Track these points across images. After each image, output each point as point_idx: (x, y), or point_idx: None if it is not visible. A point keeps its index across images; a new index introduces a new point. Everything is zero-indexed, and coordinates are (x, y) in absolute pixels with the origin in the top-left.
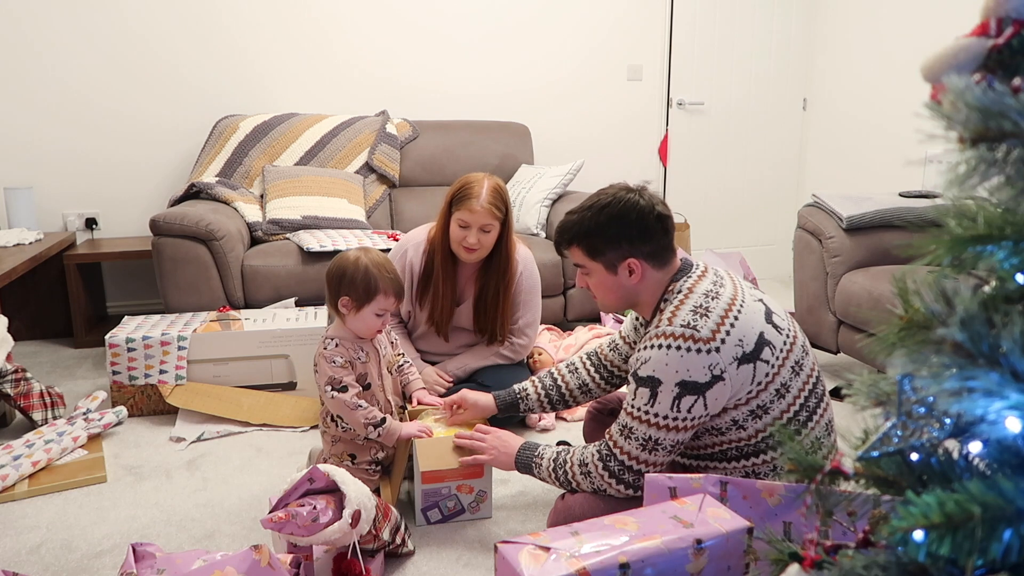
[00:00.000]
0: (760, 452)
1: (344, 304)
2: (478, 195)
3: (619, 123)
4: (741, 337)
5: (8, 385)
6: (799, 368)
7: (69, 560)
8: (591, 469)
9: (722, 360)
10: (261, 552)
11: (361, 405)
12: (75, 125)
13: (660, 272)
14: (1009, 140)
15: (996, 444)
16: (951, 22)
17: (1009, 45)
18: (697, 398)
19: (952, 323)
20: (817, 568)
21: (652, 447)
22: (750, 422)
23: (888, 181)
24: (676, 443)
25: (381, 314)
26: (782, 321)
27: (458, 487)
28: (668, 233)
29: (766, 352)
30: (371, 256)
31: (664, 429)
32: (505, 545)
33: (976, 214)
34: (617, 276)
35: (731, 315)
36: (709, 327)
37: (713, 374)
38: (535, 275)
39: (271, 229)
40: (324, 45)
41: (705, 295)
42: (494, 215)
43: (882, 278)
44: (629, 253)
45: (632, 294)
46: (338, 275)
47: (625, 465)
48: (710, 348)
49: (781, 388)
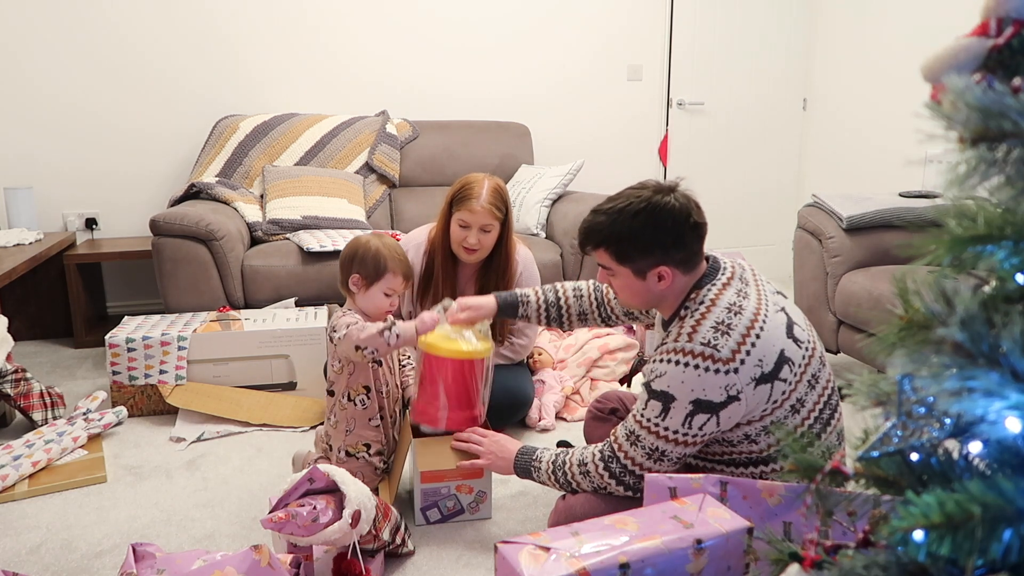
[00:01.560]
0: (770, 460)
1: (354, 282)
2: (478, 195)
3: (619, 123)
4: (761, 357)
5: (8, 385)
6: (815, 381)
7: (69, 560)
8: (591, 469)
9: (740, 381)
10: (261, 552)
11: (366, 327)
12: (75, 125)
13: (688, 276)
14: (1009, 140)
15: (996, 444)
16: (951, 22)
17: (1009, 45)
18: (710, 417)
19: (952, 323)
20: (817, 568)
21: (658, 457)
22: (763, 437)
23: (888, 181)
24: (683, 456)
25: (390, 294)
26: (802, 332)
27: (457, 487)
28: (701, 240)
29: (785, 371)
30: (383, 239)
31: (673, 443)
32: (505, 545)
33: (976, 214)
34: (645, 282)
35: (753, 333)
36: (730, 347)
37: (729, 395)
38: (535, 275)
39: (271, 229)
40: (324, 45)
41: (728, 309)
42: (494, 215)
43: (882, 278)
44: (661, 261)
45: (658, 298)
46: (351, 254)
47: (628, 469)
48: (728, 369)
49: (796, 404)
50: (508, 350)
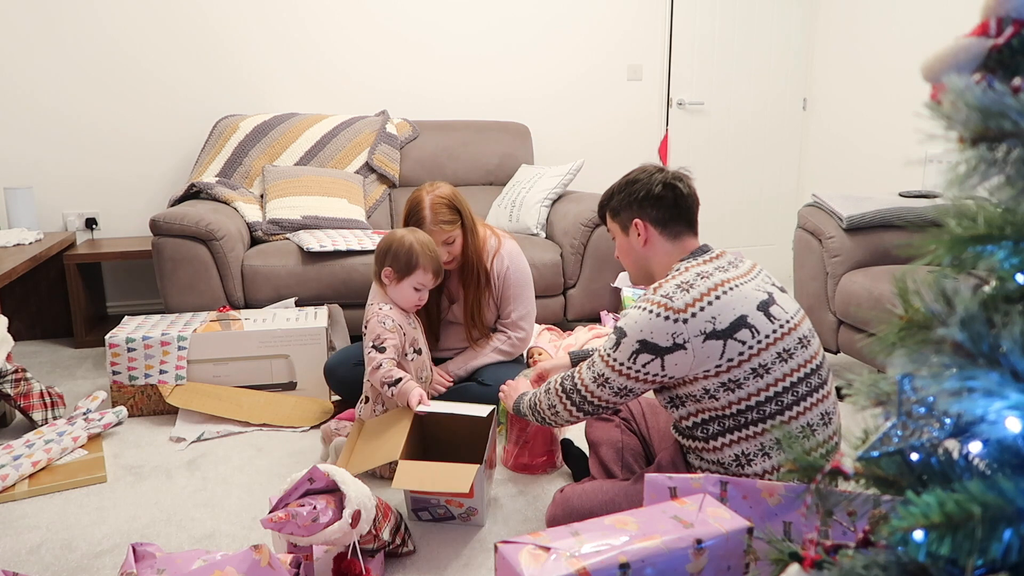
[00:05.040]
0: (741, 427)
1: (387, 275)
2: (425, 219)
3: (619, 123)
4: (715, 315)
5: (8, 385)
6: (787, 356)
7: (69, 560)
8: (551, 387)
9: (687, 331)
10: (261, 552)
11: (382, 365)
12: (75, 126)
13: (670, 244)
14: (1009, 140)
15: (996, 444)
16: (951, 22)
17: (1009, 45)
18: (654, 358)
19: (952, 323)
20: (817, 568)
21: (602, 383)
22: (722, 393)
23: (888, 181)
24: (623, 388)
25: (419, 288)
26: (782, 314)
27: (447, 500)
28: (677, 203)
29: (743, 333)
30: (417, 235)
31: (616, 373)
32: (505, 545)
33: (976, 214)
34: (629, 238)
35: (713, 295)
36: (684, 301)
37: (675, 342)
38: (523, 268)
39: (271, 229)
40: (325, 45)
41: (698, 275)
42: (444, 230)
43: (882, 278)
44: (637, 214)
45: (643, 260)
46: (385, 248)
47: (577, 389)
48: (678, 319)
49: (759, 368)
50: (507, 345)
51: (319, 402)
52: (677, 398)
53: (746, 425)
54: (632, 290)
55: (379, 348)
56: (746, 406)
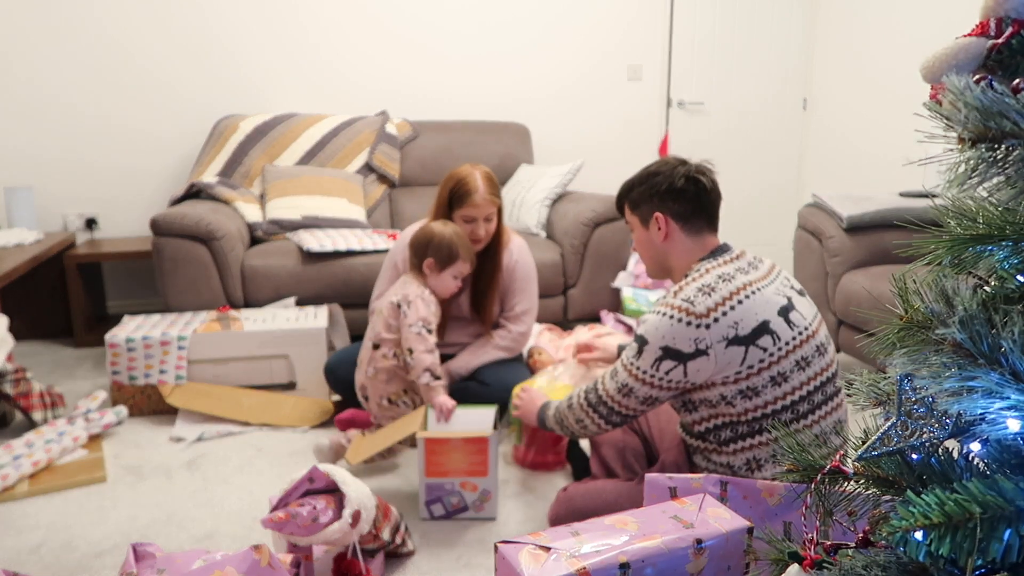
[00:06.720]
0: (755, 433)
1: (428, 265)
2: (477, 188)
3: (619, 123)
4: (738, 320)
5: (8, 385)
6: (805, 364)
7: (69, 560)
8: (575, 402)
9: (710, 337)
10: (261, 552)
11: (434, 352)
12: (75, 125)
13: (690, 240)
14: (1009, 140)
15: (996, 444)
16: (951, 22)
17: (1009, 45)
18: (677, 364)
19: (952, 323)
20: (817, 568)
21: (627, 392)
22: (739, 400)
23: (888, 181)
24: (648, 397)
25: (457, 276)
26: (802, 320)
27: (461, 484)
28: (699, 197)
29: (765, 340)
30: (452, 227)
31: (640, 382)
32: (505, 545)
33: (976, 214)
34: (649, 232)
35: (735, 299)
36: (707, 305)
37: (698, 348)
38: (530, 264)
39: (271, 229)
40: (325, 46)
41: (719, 277)
42: (495, 203)
43: (882, 278)
44: (658, 207)
45: (662, 255)
46: (425, 241)
47: (603, 401)
48: (700, 324)
49: (778, 376)
50: (507, 340)
51: (319, 402)
52: (691, 402)
53: (760, 432)
54: (633, 290)
55: (429, 331)
56: (762, 414)
